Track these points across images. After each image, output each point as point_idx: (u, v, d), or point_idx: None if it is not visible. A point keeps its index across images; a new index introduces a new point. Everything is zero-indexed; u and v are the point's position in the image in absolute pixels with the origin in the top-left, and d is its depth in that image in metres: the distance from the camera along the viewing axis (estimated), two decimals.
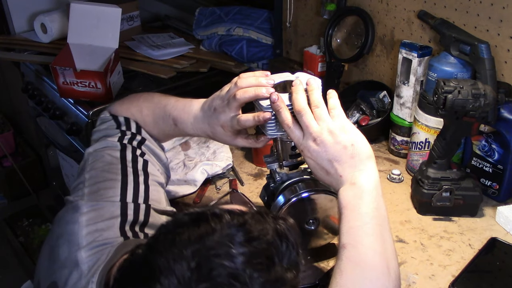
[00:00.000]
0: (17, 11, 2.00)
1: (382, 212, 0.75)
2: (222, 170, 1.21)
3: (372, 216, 0.73)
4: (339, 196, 0.76)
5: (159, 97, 0.99)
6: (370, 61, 1.45)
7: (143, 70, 1.77)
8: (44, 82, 1.77)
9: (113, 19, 1.66)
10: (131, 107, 0.99)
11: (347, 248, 0.71)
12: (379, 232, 0.73)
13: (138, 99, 1.01)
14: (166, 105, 0.96)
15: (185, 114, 0.94)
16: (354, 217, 0.73)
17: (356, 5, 1.41)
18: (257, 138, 0.90)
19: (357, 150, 0.76)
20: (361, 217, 0.73)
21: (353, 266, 0.70)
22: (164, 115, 0.96)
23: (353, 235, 0.72)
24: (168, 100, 0.97)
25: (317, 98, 0.78)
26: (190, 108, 0.93)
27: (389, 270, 0.70)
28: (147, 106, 0.98)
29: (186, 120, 0.93)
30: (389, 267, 0.71)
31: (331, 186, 0.80)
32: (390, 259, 0.72)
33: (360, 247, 0.71)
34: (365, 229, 0.72)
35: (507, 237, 1.03)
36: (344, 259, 0.71)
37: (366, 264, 0.70)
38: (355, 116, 1.39)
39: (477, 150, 1.14)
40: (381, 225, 0.74)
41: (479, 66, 1.04)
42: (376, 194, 0.75)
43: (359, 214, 0.73)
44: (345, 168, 0.76)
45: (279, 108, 0.79)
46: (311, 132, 0.76)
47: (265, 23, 1.77)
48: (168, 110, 0.95)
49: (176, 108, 0.95)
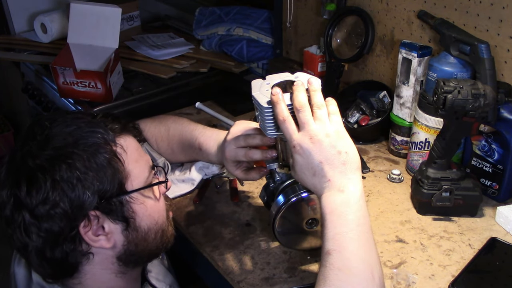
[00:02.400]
0: (17, 11, 2.01)
1: (367, 221, 0.76)
2: (219, 170, 1.21)
3: (358, 223, 0.73)
4: (323, 201, 0.76)
5: (188, 121, 1.15)
6: (370, 61, 1.45)
7: (143, 70, 1.77)
8: (44, 82, 1.78)
9: (113, 19, 1.66)
10: (160, 127, 1.15)
11: (332, 254, 0.72)
12: (364, 239, 0.73)
13: (166, 120, 1.17)
14: (194, 129, 1.11)
15: (212, 141, 1.07)
16: (340, 223, 0.73)
17: (356, 5, 1.41)
18: (259, 171, 1.01)
19: (349, 158, 0.76)
20: (347, 224, 0.73)
21: (337, 272, 0.70)
22: (191, 139, 1.10)
23: (339, 241, 0.72)
24: (197, 125, 1.13)
25: (320, 100, 0.78)
26: (217, 137, 1.06)
27: (373, 275, 0.71)
28: (175, 127, 1.14)
29: (211, 148, 1.07)
30: (373, 272, 0.71)
31: (311, 188, 0.80)
32: (374, 265, 0.72)
33: (345, 253, 0.71)
34: (350, 235, 0.72)
35: (507, 237, 1.03)
36: (328, 265, 0.71)
37: (349, 270, 0.70)
38: (355, 116, 1.39)
39: (477, 150, 1.14)
40: (366, 233, 0.74)
41: (479, 66, 1.04)
42: (362, 204, 0.76)
43: (346, 220, 0.73)
44: (335, 173, 0.76)
45: (277, 101, 0.79)
46: (309, 130, 0.76)
47: (265, 23, 1.77)
48: (195, 134, 1.10)
49: (204, 134, 1.09)
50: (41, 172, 0.71)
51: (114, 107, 1.57)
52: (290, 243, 0.98)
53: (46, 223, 0.71)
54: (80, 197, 0.72)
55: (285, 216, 0.92)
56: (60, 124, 0.75)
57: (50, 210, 0.71)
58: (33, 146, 0.73)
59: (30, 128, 0.77)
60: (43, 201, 0.70)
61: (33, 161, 0.72)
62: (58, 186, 0.70)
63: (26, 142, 0.75)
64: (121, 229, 0.77)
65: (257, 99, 0.83)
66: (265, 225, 1.08)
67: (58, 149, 0.72)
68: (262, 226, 1.08)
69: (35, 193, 0.70)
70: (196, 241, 1.05)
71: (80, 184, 0.71)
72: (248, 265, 0.98)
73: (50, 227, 0.72)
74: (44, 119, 0.77)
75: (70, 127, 0.75)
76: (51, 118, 0.77)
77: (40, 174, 0.71)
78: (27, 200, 0.71)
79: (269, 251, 1.01)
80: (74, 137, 0.74)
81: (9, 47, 1.95)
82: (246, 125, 1.01)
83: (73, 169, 0.71)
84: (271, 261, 0.98)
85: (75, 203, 0.72)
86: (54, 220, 0.71)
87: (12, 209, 0.72)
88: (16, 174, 0.73)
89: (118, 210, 0.76)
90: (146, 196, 0.80)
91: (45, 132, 0.74)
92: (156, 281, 0.94)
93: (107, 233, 0.76)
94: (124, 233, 0.78)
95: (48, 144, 0.73)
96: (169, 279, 0.98)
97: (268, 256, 1.00)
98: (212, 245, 1.03)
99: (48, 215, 0.71)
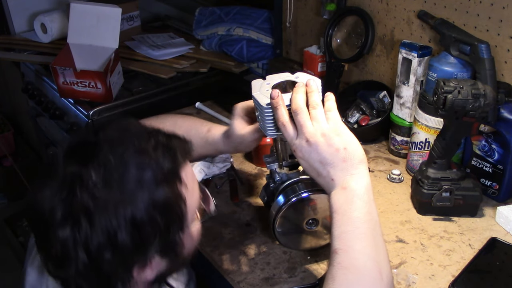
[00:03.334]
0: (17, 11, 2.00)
1: (374, 216, 0.74)
2: (219, 170, 1.21)
3: (364, 220, 0.73)
4: (330, 200, 0.76)
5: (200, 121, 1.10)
6: (370, 61, 1.45)
7: (143, 70, 1.77)
8: (44, 82, 1.78)
9: (113, 19, 1.66)
10: (166, 121, 1.09)
11: (338, 253, 0.71)
12: (371, 237, 0.72)
13: (173, 116, 1.13)
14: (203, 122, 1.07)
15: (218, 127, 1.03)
16: (345, 221, 0.73)
17: (356, 5, 1.41)
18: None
19: (349, 153, 0.75)
20: (352, 222, 0.73)
21: (345, 271, 0.69)
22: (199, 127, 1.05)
23: (345, 240, 0.72)
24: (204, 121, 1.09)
25: (315, 99, 0.78)
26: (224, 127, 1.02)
27: (381, 275, 0.70)
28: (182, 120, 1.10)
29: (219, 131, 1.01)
30: (382, 271, 0.70)
31: (323, 187, 0.79)
32: (382, 264, 0.71)
33: (352, 252, 0.71)
34: (356, 233, 0.72)
35: (507, 237, 1.03)
36: (335, 264, 0.70)
37: (358, 270, 0.69)
38: (355, 116, 1.39)
39: (477, 150, 1.14)
40: (373, 230, 0.73)
41: (479, 66, 1.04)
42: (368, 199, 0.74)
43: (351, 218, 0.73)
44: (336, 172, 0.75)
45: (277, 105, 0.79)
46: (305, 132, 0.76)
47: (265, 23, 1.76)
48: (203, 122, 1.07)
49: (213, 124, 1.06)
50: (104, 216, 0.64)
51: (114, 107, 1.57)
52: (290, 243, 0.98)
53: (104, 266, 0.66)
54: (144, 242, 0.67)
55: (285, 216, 0.92)
56: (121, 157, 0.67)
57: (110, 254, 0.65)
58: (91, 181, 0.65)
59: (80, 148, 0.70)
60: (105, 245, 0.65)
61: (93, 202, 0.64)
62: (123, 232, 0.65)
63: (80, 170, 0.66)
64: (167, 261, 0.73)
65: (257, 99, 0.83)
66: (265, 225, 1.08)
67: (122, 191, 0.65)
68: (262, 226, 1.08)
69: (97, 236, 0.64)
70: None
71: (147, 229, 0.66)
72: (248, 265, 0.98)
73: (106, 270, 0.66)
74: (101, 144, 0.68)
75: (131, 161, 0.67)
76: (111, 143, 0.69)
77: (103, 217, 0.64)
78: (88, 242, 0.64)
79: (269, 251, 1.01)
80: (137, 177, 0.67)
81: (9, 47, 1.95)
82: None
83: (142, 213, 0.66)
84: (271, 261, 0.98)
85: (138, 249, 0.67)
86: (112, 264, 0.66)
87: (68, 249, 0.65)
88: (76, 213, 0.65)
89: (173, 247, 0.72)
90: (192, 227, 0.77)
91: (106, 165, 0.66)
92: (173, 280, 0.91)
93: (153, 266, 0.71)
94: (168, 263, 0.74)
95: (110, 182, 0.65)
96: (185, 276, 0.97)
97: (268, 256, 1.00)
98: (212, 245, 1.03)
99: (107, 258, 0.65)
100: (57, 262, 0.67)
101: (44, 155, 2.28)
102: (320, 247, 0.99)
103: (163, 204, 0.68)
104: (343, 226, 0.73)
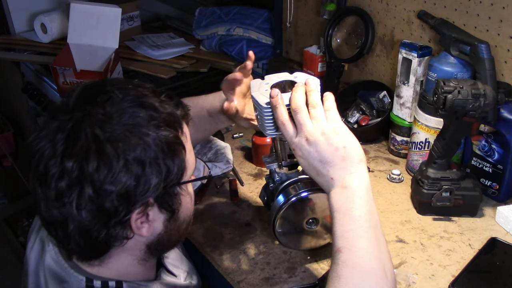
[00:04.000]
0: (17, 11, 2.01)
1: (374, 215, 0.75)
2: (221, 171, 1.21)
3: (366, 219, 0.73)
4: (330, 199, 0.76)
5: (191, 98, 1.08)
6: (370, 61, 1.45)
7: (143, 70, 1.77)
8: (44, 82, 1.78)
9: (113, 19, 1.66)
10: None
11: (342, 252, 0.71)
12: (373, 235, 0.72)
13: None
14: (199, 100, 1.06)
15: (217, 102, 1.02)
16: (347, 220, 0.73)
17: (356, 5, 1.41)
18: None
19: (349, 152, 0.75)
20: (354, 221, 0.73)
21: (350, 270, 0.69)
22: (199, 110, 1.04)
23: (348, 238, 0.72)
24: (199, 97, 1.08)
25: (315, 99, 0.78)
26: (221, 96, 1.01)
27: (385, 272, 0.70)
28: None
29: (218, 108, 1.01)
30: (386, 269, 0.71)
31: (321, 187, 0.79)
32: (385, 262, 0.72)
33: (356, 251, 0.71)
34: (359, 232, 0.72)
35: (507, 237, 1.03)
36: (340, 263, 0.70)
37: (363, 268, 0.69)
38: (355, 116, 1.39)
39: (477, 150, 1.14)
40: (375, 228, 0.73)
41: (479, 66, 1.04)
42: (368, 198, 0.75)
43: (352, 217, 0.73)
44: (336, 171, 0.75)
45: (276, 104, 0.79)
46: (304, 131, 0.76)
47: (265, 23, 1.77)
48: (201, 104, 1.05)
49: (207, 100, 1.05)
50: (113, 147, 0.65)
51: None
52: (290, 243, 0.98)
53: (107, 202, 0.66)
54: (147, 182, 0.68)
55: (285, 216, 0.92)
56: (130, 97, 0.70)
57: (115, 189, 0.66)
58: (100, 115, 0.67)
59: (89, 91, 0.71)
60: (111, 180, 0.65)
61: (103, 133, 0.66)
62: (129, 167, 0.66)
63: (89, 107, 0.68)
64: (163, 219, 0.74)
65: (256, 99, 0.83)
66: (265, 225, 1.08)
67: (131, 126, 0.67)
68: (262, 226, 1.08)
69: (105, 170, 0.65)
70: (196, 241, 1.05)
71: (151, 167, 0.68)
72: (248, 265, 0.98)
73: (108, 207, 0.66)
74: (110, 87, 0.71)
75: (142, 103, 0.70)
76: (120, 87, 0.71)
77: (111, 150, 0.65)
78: (94, 175, 0.65)
79: (269, 251, 1.01)
80: (147, 116, 0.69)
81: (9, 47, 1.95)
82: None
83: (147, 150, 0.67)
84: (271, 261, 0.98)
85: (141, 187, 0.67)
86: (114, 200, 0.66)
87: (72, 181, 0.65)
88: (85, 145, 0.65)
89: (171, 200, 0.73)
90: (189, 188, 0.79)
91: (115, 102, 0.68)
92: (173, 267, 0.92)
93: (150, 221, 0.72)
94: (165, 223, 0.75)
95: (120, 118, 0.67)
96: (186, 265, 0.97)
97: (268, 256, 1.00)
98: (212, 245, 1.03)
99: (111, 194, 0.66)
100: (58, 199, 0.66)
101: None
102: (320, 247, 0.99)
103: (166, 144, 0.69)
104: (346, 225, 0.73)
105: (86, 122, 0.66)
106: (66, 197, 0.66)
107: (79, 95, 0.71)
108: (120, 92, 0.70)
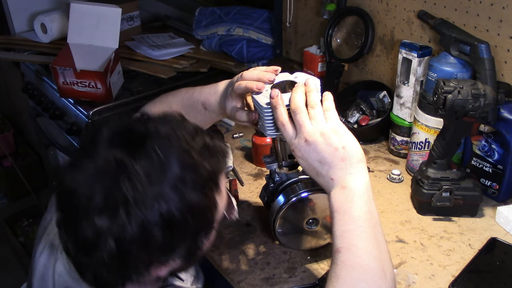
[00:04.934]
0: (17, 11, 2.00)
1: (374, 215, 0.75)
2: None
3: (365, 219, 0.73)
4: (330, 199, 0.76)
5: (186, 89, 1.05)
6: (370, 61, 1.45)
7: (143, 70, 1.77)
8: (44, 82, 1.78)
9: (113, 19, 1.66)
10: (162, 105, 1.05)
11: (341, 252, 0.71)
12: (373, 235, 0.72)
13: (166, 96, 1.08)
14: (193, 93, 1.03)
15: (212, 96, 0.98)
16: (346, 220, 0.73)
17: (356, 5, 1.41)
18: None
19: (348, 153, 0.75)
20: (354, 221, 0.73)
21: (349, 269, 0.70)
22: (193, 103, 1.01)
23: (347, 238, 0.72)
24: (194, 89, 1.03)
25: (314, 99, 0.78)
26: (216, 89, 0.98)
27: (385, 272, 0.70)
28: (175, 100, 1.05)
29: (213, 102, 0.98)
30: (385, 270, 0.71)
31: (322, 187, 0.79)
32: (385, 262, 0.72)
33: (355, 251, 0.71)
34: (358, 232, 0.72)
35: (507, 237, 1.03)
36: (339, 263, 0.70)
37: (362, 267, 0.70)
38: (355, 116, 1.39)
39: (477, 150, 1.14)
40: (374, 228, 0.73)
41: (479, 66, 1.04)
42: (368, 198, 0.75)
43: (352, 217, 0.73)
44: (335, 171, 0.75)
45: (276, 104, 0.79)
46: (304, 132, 0.76)
47: (265, 23, 1.77)
48: (196, 97, 1.01)
49: (203, 93, 1.01)
50: (141, 211, 0.64)
51: (114, 107, 1.57)
52: (290, 243, 0.98)
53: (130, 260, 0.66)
54: (173, 248, 0.69)
55: (285, 216, 0.92)
56: (172, 155, 0.67)
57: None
58: (135, 174, 0.65)
59: (126, 135, 0.70)
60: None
61: (133, 195, 0.64)
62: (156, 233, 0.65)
63: (127, 160, 0.65)
64: (183, 262, 0.74)
65: (256, 100, 0.83)
66: (265, 225, 1.08)
67: (164, 190, 0.65)
68: (262, 226, 1.08)
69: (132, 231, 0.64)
70: None
71: (180, 235, 0.68)
72: (248, 265, 0.98)
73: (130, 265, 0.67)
74: (150, 141, 0.68)
75: (182, 161, 0.67)
76: (161, 144, 0.68)
77: (138, 213, 0.64)
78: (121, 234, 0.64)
79: (269, 251, 1.01)
80: (186, 176, 0.67)
81: (9, 47, 1.95)
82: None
83: (176, 215, 0.66)
84: (271, 261, 0.98)
85: (166, 252, 0.68)
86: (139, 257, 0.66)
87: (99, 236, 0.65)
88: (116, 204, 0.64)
89: (195, 251, 0.73)
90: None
91: (154, 164, 0.66)
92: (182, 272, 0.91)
93: (170, 265, 0.72)
94: (183, 263, 0.74)
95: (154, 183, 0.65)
96: (193, 269, 0.97)
97: (268, 256, 1.00)
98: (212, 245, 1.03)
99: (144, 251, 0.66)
100: (83, 247, 0.67)
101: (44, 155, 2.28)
102: (320, 247, 0.99)
103: (198, 208, 0.68)
104: (345, 225, 0.73)
105: (121, 180, 0.64)
106: (93, 251, 0.66)
107: (113, 136, 0.69)
108: (159, 145, 0.67)
